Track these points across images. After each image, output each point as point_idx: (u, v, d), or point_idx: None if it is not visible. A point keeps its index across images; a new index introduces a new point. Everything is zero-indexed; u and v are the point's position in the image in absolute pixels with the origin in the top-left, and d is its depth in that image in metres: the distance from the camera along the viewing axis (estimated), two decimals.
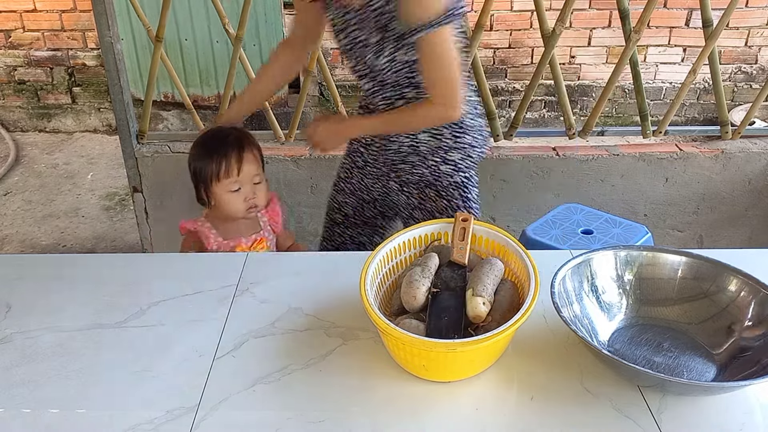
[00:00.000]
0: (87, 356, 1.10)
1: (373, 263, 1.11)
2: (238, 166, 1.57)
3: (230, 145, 1.58)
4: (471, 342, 0.95)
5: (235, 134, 1.62)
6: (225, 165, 1.57)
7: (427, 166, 1.61)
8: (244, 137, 1.62)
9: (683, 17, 3.89)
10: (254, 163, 1.61)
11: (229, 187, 1.59)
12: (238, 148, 1.58)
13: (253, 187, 1.61)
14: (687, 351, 1.07)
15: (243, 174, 1.58)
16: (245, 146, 1.60)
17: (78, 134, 4.28)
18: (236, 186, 1.59)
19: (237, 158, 1.57)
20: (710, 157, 2.49)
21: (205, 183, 1.60)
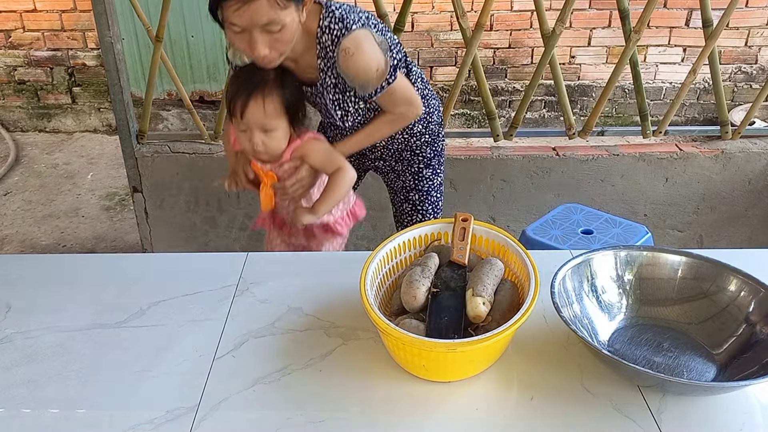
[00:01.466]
0: (87, 356, 1.10)
1: (373, 263, 1.11)
2: (242, 110, 1.48)
3: (245, 84, 1.49)
4: (471, 342, 0.95)
5: (262, 75, 1.49)
6: (232, 104, 1.50)
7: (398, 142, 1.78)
8: (266, 82, 1.49)
9: (683, 17, 3.89)
10: (261, 111, 1.48)
11: (237, 126, 1.53)
12: (248, 92, 1.48)
13: (260, 135, 1.51)
14: (687, 351, 1.07)
15: (246, 119, 1.49)
16: (257, 92, 1.48)
17: (78, 134, 4.28)
18: (242, 127, 1.52)
19: (243, 101, 1.48)
20: (710, 157, 2.49)
21: (229, 112, 1.54)
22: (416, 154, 1.82)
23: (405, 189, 1.88)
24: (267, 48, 1.39)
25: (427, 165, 1.85)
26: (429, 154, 1.84)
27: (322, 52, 1.50)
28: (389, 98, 1.60)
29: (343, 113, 1.63)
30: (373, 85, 1.54)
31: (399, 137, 1.77)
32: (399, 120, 1.67)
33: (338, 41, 1.46)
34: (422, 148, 1.82)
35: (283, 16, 1.35)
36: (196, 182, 2.55)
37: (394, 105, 1.62)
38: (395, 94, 1.59)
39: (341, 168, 1.62)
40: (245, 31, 1.36)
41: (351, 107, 1.63)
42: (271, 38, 1.37)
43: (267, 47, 1.39)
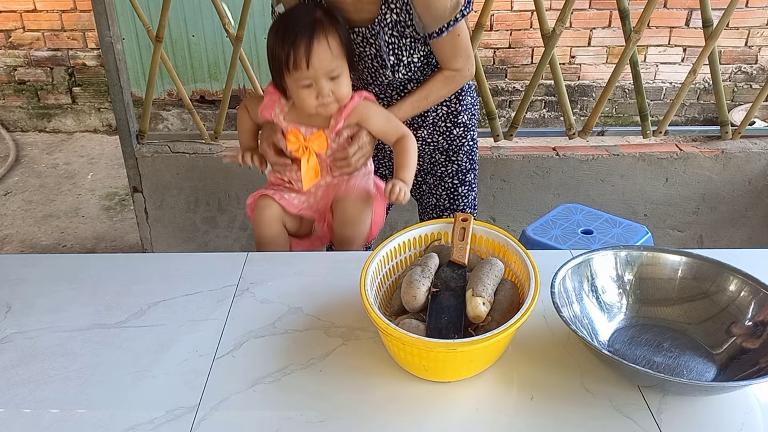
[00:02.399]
0: (87, 356, 1.10)
1: (373, 263, 1.11)
2: (307, 58, 1.33)
3: (301, 30, 1.34)
4: (471, 342, 0.95)
5: (312, 16, 1.36)
6: (293, 55, 1.34)
7: (440, 133, 1.71)
8: (322, 21, 1.36)
9: (683, 17, 3.89)
10: (328, 53, 1.35)
11: (299, 81, 1.37)
12: (309, 36, 1.33)
13: (328, 83, 1.37)
14: (687, 351, 1.07)
15: (313, 68, 1.34)
16: (317, 33, 1.34)
17: (78, 134, 4.28)
18: (307, 81, 1.37)
19: (306, 48, 1.33)
20: (710, 157, 2.49)
21: (278, 72, 1.40)
22: (452, 161, 1.74)
23: (439, 208, 1.81)
24: None
25: (463, 181, 1.77)
26: (466, 165, 1.76)
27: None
28: (452, 43, 1.47)
29: (396, 61, 1.48)
30: (448, 17, 1.41)
31: (442, 127, 1.69)
32: (456, 78, 1.55)
33: None
34: (459, 154, 1.74)
35: None
36: (196, 182, 2.55)
37: (454, 54, 1.50)
38: (460, 39, 1.47)
39: (406, 134, 1.50)
40: None
41: (406, 56, 1.49)
42: None
43: None
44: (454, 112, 1.69)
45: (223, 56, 3.85)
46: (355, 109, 1.45)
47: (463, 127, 1.72)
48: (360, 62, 1.53)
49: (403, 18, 1.44)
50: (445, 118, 1.70)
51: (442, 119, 1.70)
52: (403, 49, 1.49)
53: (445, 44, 1.48)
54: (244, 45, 2.37)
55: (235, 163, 1.57)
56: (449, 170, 1.77)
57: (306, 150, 1.45)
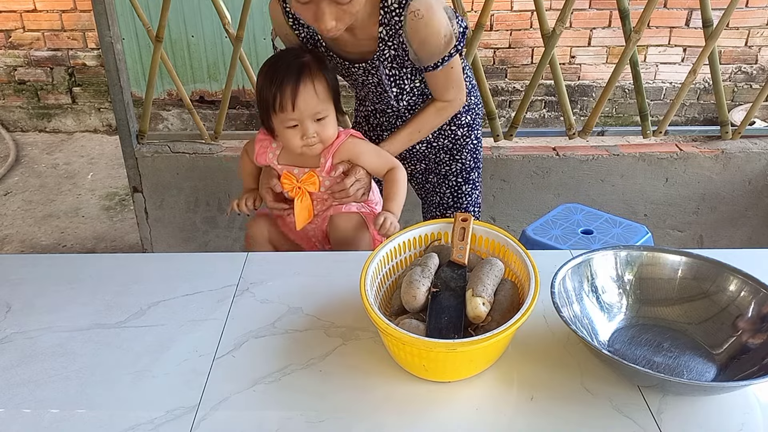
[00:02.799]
0: (87, 356, 1.10)
1: (373, 263, 1.11)
2: (293, 101, 1.39)
3: (289, 73, 1.39)
4: (471, 342, 0.95)
5: (301, 60, 1.42)
6: (279, 97, 1.39)
7: (445, 136, 1.73)
8: (309, 64, 1.41)
9: (683, 17, 3.89)
10: (314, 97, 1.40)
11: (285, 122, 1.42)
12: (296, 79, 1.39)
13: (313, 125, 1.42)
14: (687, 351, 1.07)
15: (299, 110, 1.40)
16: (304, 77, 1.39)
17: (78, 134, 4.28)
18: (292, 122, 1.42)
19: (292, 91, 1.38)
20: (710, 157, 2.49)
21: (265, 113, 1.44)
22: (456, 160, 1.76)
23: (443, 206, 1.82)
24: (334, 20, 1.31)
25: (467, 179, 1.79)
26: (470, 164, 1.78)
27: (385, 18, 1.41)
28: (446, 76, 1.51)
29: (399, 91, 1.55)
30: (440, 54, 1.45)
31: (446, 129, 1.71)
32: (447, 108, 1.59)
33: (406, 3, 1.38)
34: (463, 153, 1.75)
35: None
36: (196, 182, 2.55)
37: (447, 86, 1.54)
38: (453, 71, 1.51)
39: (396, 166, 1.54)
40: (312, 3, 1.29)
41: (407, 84, 1.55)
42: (338, 9, 1.30)
43: (334, 19, 1.31)
44: (457, 115, 1.71)
45: (222, 56, 3.85)
46: (343, 146, 1.49)
47: (466, 127, 1.74)
48: (364, 89, 1.61)
49: (400, 54, 1.48)
50: (448, 121, 1.71)
51: (446, 122, 1.71)
52: (404, 79, 1.54)
53: (438, 77, 1.52)
54: (243, 45, 2.37)
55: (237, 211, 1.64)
56: (453, 169, 1.78)
57: (299, 190, 1.51)
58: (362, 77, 1.56)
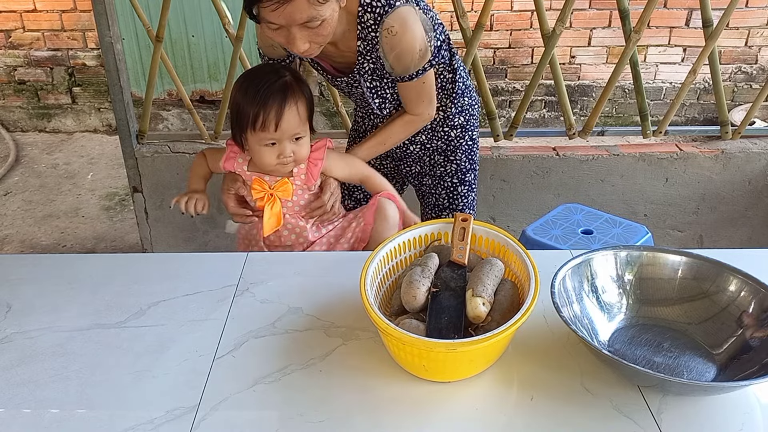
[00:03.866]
0: (87, 356, 1.10)
1: (373, 263, 1.11)
2: (277, 121, 1.38)
3: (273, 93, 1.38)
4: (471, 342, 0.95)
5: (284, 80, 1.40)
6: (262, 116, 1.37)
7: (438, 138, 1.73)
8: (292, 85, 1.41)
9: (683, 17, 3.89)
10: (296, 118, 1.40)
11: (263, 140, 1.41)
12: (280, 100, 1.38)
13: (291, 144, 1.42)
14: (687, 351, 1.07)
15: (281, 130, 1.39)
16: (289, 98, 1.39)
17: (78, 134, 4.28)
18: (271, 141, 1.41)
19: (277, 112, 1.37)
20: (710, 157, 2.49)
21: (240, 126, 1.42)
22: (451, 161, 1.76)
23: (438, 207, 1.83)
24: (307, 43, 1.32)
25: (462, 180, 1.79)
26: (465, 165, 1.78)
27: (362, 33, 1.43)
28: (418, 89, 1.52)
29: (381, 101, 1.57)
30: (414, 67, 1.47)
31: (440, 131, 1.72)
32: (415, 122, 1.61)
33: (381, 20, 1.39)
34: (458, 154, 1.75)
35: (323, 10, 1.27)
36: None
37: (419, 98, 1.55)
38: (425, 86, 1.53)
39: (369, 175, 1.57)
40: (283, 28, 1.30)
41: (389, 94, 1.56)
42: (310, 33, 1.31)
43: (307, 42, 1.32)
44: (449, 116, 1.71)
45: (222, 56, 3.85)
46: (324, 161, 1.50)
47: (460, 129, 1.74)
48: (352, 98, 1.65)
49: (379, 66, 1.50)
50: (441, 122, 1.72)
51: (438, 124, 1.72)
52: (385, 89, 1.56)
53: (411, 89, 1.53)
54: (243, 45, 2.37)
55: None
56: (448, 170, 1.78)
57: (271, 197, 1.49)
58: (347, 89, 1.59)
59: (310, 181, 1.50)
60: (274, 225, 1.50)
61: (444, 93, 1.68)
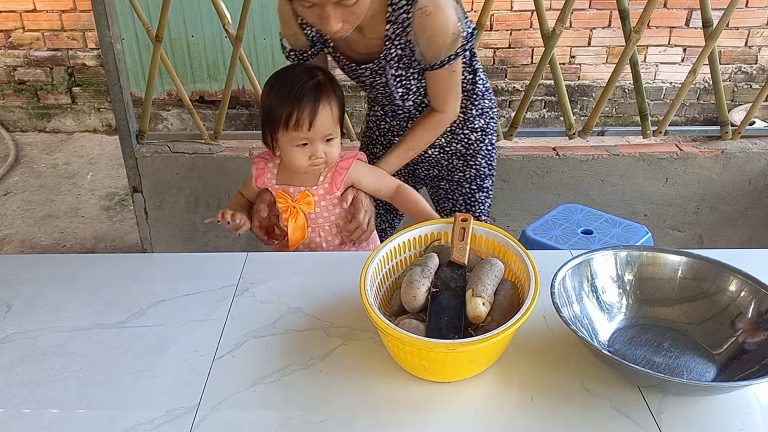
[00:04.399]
0: (87, 356, 1.10)
1: (373, 263, 1.11)
2: (310, 120, 1.35)
3: (307, 92, 1.36)
4: (471, 342, 0.94)
5: (317, 79, 1.38)
6: (296, 115, 1.35)
7: (458, 140, 1.70)
8: (325, 84, 1.39)
9: (683, 17, 3.89)
10: (329, 117, 1.38)
11: (295, 140, 1.38)
12: (314, 99, 1.35)
13: (323, 145, 1.40)
14: (687, 351, 1.07)
15: (314, 130, 1.36)
16: (323, 97, 1.37)
17: (78, 134, 4.28)
18: (304, 141, 1.38)
19: (311, 111, 1.35)
20: (710, 157, 2.49)
21: (272, 126, 1.39)
22: (470, 166, 1.72)
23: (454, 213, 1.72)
24: (340, 22, 1.28)
25: (481, 187, 1.75)
26: (484, 171, 1.74)
27: (393, 15, 1.39)
28: (447, 79, 1.49)
29: (405, 91, 1.53)
30: (446, 52, 1.43)
31: (460, 134, 1.68)
32: (442, 121, 1.57)
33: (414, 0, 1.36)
34: (477, 158, 1.71)
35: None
36: (196, 182, 2.55)
37: (446, 91, 1.51)
38: (454, 75, 1.49)
39: (399, 185, 1.52)
40: (317, 6, 1.26)
41: (414, 84, 1.52)
42: (344, 11, 1.27)
43: (340, 21, 1.28)
44: (470, 118, 1.68)
45: (222, 56, 3.85)
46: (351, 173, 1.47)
47: (480, 132, 1.70)
48: (373, 90, 1.59)
49: (407, 53, 1.46)
50: (461, 124, 1.68)
51: (458, 126, 1.68)
52: (410, 79, 1.51)
53: (440, 79, 1.50)
54: (243, 45, 2.37)
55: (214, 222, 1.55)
56: (467, 175, 1.75)
57: (294, 210, 1.47)
58: (369, 78, 1.54)
59: (332, 189, 1.47)
60: (298, 238, 1.49)
61: (465, 94, 1.64)
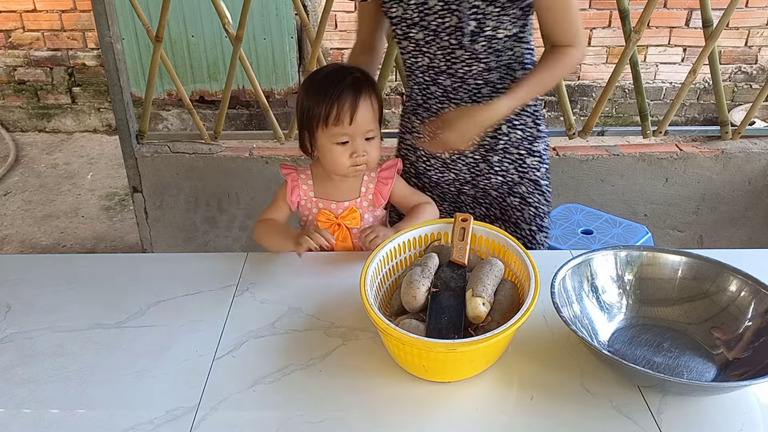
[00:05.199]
0: (87, 356, 1.10)
1: (373, 263, 1.11)
2: (351, 113, 1.30)
3: (346, 86, 1.31)
4: (471, 342, 0.95)
5: (354, 75, 1.35)
6: (336, 110, 1.30)
7: (511, 161, 1.51)
8: (364, 80, 1.35)
9: (683, 17, 3.89)
10: (370, 112, 1.33)
11: (336, 137, 1.32)
12: (354, 92, 1.31)
13: (363, 143, 1.34)
14: (687, 351, 1.07)
15: (356, 124, 1.31)
16: (363, 91, 1.32)
17: (78, 134, 4.28)
18: (344, 137, 1.32)
19: (351, 104, 1.30)
20: (710, 157, 2.49)
21: (310, 127, 1.35)
22: (528, 204, 1.54)
23: None
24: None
25: (540, 227, 1.56)
26: (543, 209, 1.55)
27: None
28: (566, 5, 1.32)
29: (477, 29, 1.33)
30: None
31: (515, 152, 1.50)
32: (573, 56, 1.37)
33: None
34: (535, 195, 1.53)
35: None
36: (196, 182, 2.55)
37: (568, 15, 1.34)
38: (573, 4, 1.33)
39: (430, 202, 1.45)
40: None
41: (489, 27, 1.33)
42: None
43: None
44: (530, 137, 1.50)
45: (222, 56, 3.84)
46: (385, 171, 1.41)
47: (538, 157, 1.52)
48: (435, 39, 1.39)
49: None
50: (518, 143, 1.49)
51: (515, 145, 1.49)
52: (488, 18, 1.32)
53: (557, 6, 1.33)
54: (243, 45, 2.37)
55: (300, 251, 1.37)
56: (525, 215, 1.55)
57: (339, 227, 1.41)
58: (439, 16, 1.35)
59: (378, 201, 1.41)
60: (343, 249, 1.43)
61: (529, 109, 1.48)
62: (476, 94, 1.44)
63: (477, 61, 1.39)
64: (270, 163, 2.49)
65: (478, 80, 1.42)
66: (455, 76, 1.42)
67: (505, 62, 1.41)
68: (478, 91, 1.43)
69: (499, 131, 1.48)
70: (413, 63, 1.46)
